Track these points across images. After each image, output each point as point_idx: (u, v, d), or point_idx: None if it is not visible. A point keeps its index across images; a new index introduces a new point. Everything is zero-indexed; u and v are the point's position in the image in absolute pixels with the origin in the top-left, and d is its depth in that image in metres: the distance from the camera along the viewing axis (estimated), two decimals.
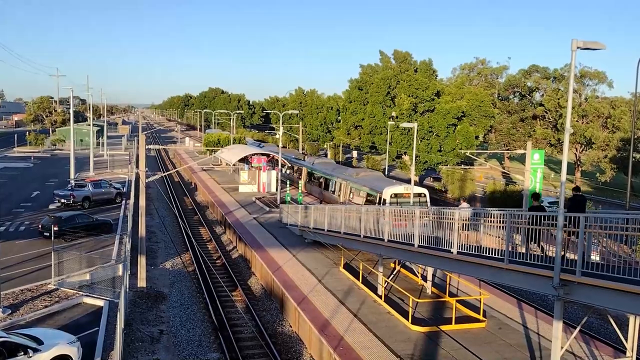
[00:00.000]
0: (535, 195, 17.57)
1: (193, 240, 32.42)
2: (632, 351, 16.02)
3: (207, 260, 31.06)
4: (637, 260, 14.04)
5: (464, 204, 22.71)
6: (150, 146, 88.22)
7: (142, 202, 27.10)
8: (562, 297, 13.76)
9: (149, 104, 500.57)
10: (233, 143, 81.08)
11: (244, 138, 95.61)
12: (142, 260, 25.98)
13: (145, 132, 48.79)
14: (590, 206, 41.28)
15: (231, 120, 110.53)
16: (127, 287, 23.28)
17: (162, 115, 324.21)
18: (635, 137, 54.96)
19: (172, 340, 20.74)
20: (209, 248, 36.05)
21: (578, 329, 15.88)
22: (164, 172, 49.11)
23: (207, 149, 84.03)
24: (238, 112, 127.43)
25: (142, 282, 25.74)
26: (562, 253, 13.79)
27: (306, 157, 53.97)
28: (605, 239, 15.69)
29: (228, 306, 24.96)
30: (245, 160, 57.72)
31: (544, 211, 15.94)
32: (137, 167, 28.53)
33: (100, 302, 22.52)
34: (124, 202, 44.58)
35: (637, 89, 37.74)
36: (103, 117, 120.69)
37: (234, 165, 61.96)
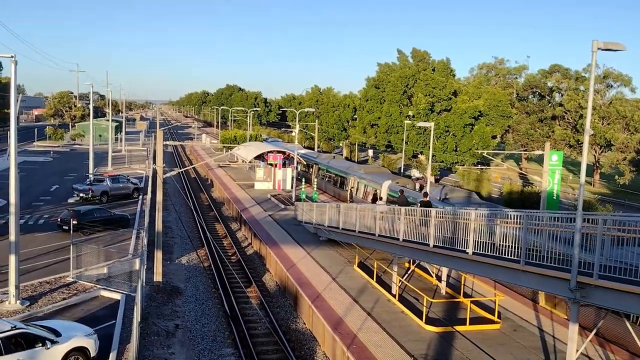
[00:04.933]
0: (425, 193, 24.34)
1: (209, 236, 32.64)
2: None
3: (223, 256, 31.27)
4: None
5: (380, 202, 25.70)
6: (167, 142, 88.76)
7: (160, 197, 27.35)
8: (578, 299, 13.65)
9: (167, 100, 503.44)
10: (249, 140, 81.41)
11: (260, 135, 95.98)
12: (158, 255, 26.25)
13: (163, 128, 48.93)
14: (609, 209, 40.78)
15: (248, 117, 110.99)
16: (144, 281, 23.53)
17: (179, 111, 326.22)
18: None
19: (187, 335, 20.94)
20: (225, 244, 36.29)
21: (594, 332, 15.74)
22: (180, 168, 49.51)
23: (224, 146, 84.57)
24: (254, 109, 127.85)
25: (158, 277, 26.00)
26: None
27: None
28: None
29: (242, 302, 25.12)
30: (261, 157, 57.95)
31: (431, 206, 19.80)
32: (155, 162, 28.81)
33: (117, 296, 22.81)
34: (141, 197, 45.05)
35: None
36: (122, 112, 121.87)
37: (249, 162, 62.22)
